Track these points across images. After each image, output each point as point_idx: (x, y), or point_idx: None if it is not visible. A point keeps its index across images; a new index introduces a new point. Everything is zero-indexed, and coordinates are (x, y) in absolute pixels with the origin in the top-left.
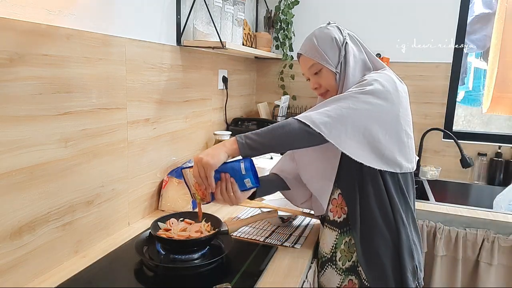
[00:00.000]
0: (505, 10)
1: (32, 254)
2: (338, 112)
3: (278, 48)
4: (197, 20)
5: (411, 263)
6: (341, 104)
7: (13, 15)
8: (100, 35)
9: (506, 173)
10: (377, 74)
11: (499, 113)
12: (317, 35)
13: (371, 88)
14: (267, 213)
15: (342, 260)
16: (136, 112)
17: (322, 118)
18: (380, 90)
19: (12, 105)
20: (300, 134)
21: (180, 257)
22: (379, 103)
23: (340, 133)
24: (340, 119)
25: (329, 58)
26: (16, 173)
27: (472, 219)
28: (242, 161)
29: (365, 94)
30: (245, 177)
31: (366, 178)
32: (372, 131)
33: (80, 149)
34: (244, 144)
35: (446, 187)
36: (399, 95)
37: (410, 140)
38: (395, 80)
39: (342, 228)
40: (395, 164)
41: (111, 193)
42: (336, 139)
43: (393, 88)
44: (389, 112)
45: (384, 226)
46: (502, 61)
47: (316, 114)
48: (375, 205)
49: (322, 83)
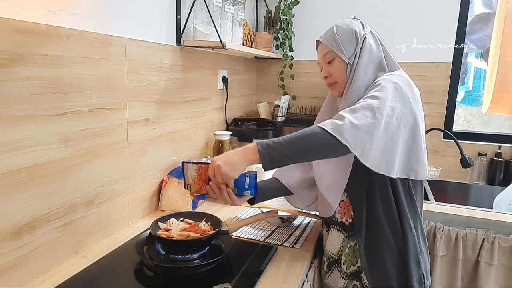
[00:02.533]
0: (505, 10)
1: (32, 254)
2: (364, 121)
3: (278, 48)
4: (197, 20)
5: (418, 271)
6: (366, 113)
7: (13, 15)
8: (100, 35)
9: (506, 173)
10: (393, 76)
11: (499, 113)
12: (339, 26)
13: (390, 90)
14: (267, 213)
15: (346, 264)
16: (136, 112)
17: (349, 128)
18: (400, 95)
19: (12, 105)
20: (325, 145)
21: (180, 257)
22: (401, 109)
23: (364, 145)
24: (365, 129)
25: (344, 48)
26: (16, 173)
27: (472, 219)
28: (247, 175)
29: (387, 100)
30: (246, 190)
31: (374, 184)
32: (394, 140)
33: (80, 149)
34: (266, 156)
35: (446, 187)
36: (415, 99)
37: (424, 145)
38: (411, 83)
39: (348, 231)
40: (412, 171)
41: (111, 193)
42: (359, 151)
43: (410, 92)
44: (410, 118)
45: (390, 233)
46: (502, 61)
47: (344, 125)
48: (382, 211)
49: (333, 72)
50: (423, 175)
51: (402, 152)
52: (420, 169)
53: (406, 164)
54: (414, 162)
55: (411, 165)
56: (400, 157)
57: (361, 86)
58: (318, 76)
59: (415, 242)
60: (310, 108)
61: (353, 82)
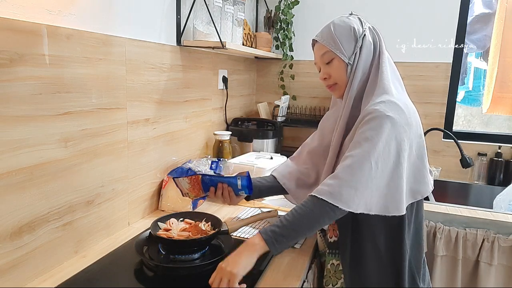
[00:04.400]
0: (505, 10)
1: (32, 254)
2: (363, 179)
3: (278, 48)
4: (197, 20)
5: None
6: (363, 165)
7: (13, 15)
8: (100, 35)
9: (506, 173)
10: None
11: (499, 113)
12: (336, 23)
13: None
14: (267, 213)
15: (326, 279)
16: (136, 112)
17: (349, 192)
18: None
19: (12, 105)
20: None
21: (180, 257)
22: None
23: (365, 200)
24: (365, 185)
25: (343, 47)
26: (16, 173)
27: (472, 219)
28: (239, 178)
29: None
30: (240, 190)
31: None
32: (396, 178)
33: (80, 149)
34: (276, 246)
35: (446, 187)
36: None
37: (424, 162)
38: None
39: (332, 249)
40: (418, 193)
41: (111, 193)
42: (362, 208)
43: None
44: (406, 148)
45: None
46: (502, 61)
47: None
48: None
49: (332, 73)
50: (427, 191)
51: (407, 185)
52: (423, 188)
53: (410, 191)
54: (416, 184)
55: (414, 190)
56: (405, 190)
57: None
58: (318, 76)
59: (410, 261)
60: (310, 108)
61: (354, 83)
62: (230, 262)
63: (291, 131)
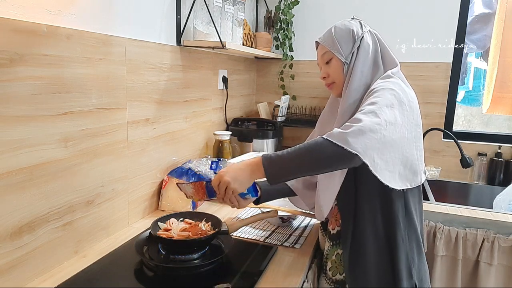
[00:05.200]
0: (505, 10)
1: (32, 254)
2: (372, 128)
3: (278, 48)
4: (197, 20)
5: (410, 281)
6: (374, 119)
7: (13, 15)
8: (100, 35)
9: (506, 173)
10: (389, 83)
11: (499, 113)
12: (337, 26)
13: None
14: (267, 213)
15: (332, 270)
16: (136, 112)
17: (357, 139)
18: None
19: (12, 105)
20: (332, 157)
21: (180, 257)
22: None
23: (374, 155)
24: (375, 136)
25: (341, 47)
26: (16, 173)
27: (472, 219)
28: None
29: (388, 106)
30: (246, 194)
31: (363, 193)
32: (398, 148)
33: (80, 149)
34: (271, 172)
35: (446, 187)
36: (412, 106)
37: (420, 152)
38: (406, 89)
39: (335, 240)
40: (408, 181)
41: (111, 193)
42: (370, 161)
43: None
44: (408, 127)
45: (376, 246)
46: (502, 61)
47: (350, 135)
48: (370, 223)
49: (330, 72)
50: (418, 181)
51: (402, 162)
52: (416, 178)
53: (403, 174)
54: (409, 171)
55: (407, 175)
56: (400, 167)
57: (359, 85)
58: (318, 76)
59: (406, 252)
60: (310, 108)
61: (351, 82)
62: (231, 172)
63: (291, 131)
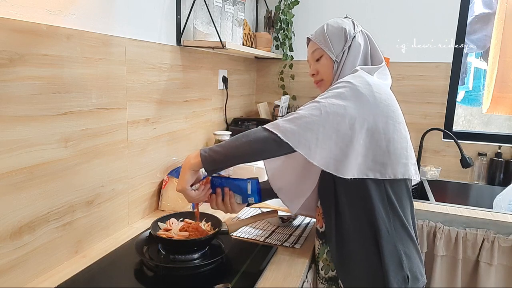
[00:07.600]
0: (505, 10)
1: (32, 254)
2: (308, 119)
3: (278, 48)
4: (197, 20)
5: (401, 273)
6: (312, 111)
7: (13, 15)
8: (100, 35)
9: (506, 173)
10: (350, 76)
11: (499, 113)
12: (329, 24)
13: (343, 90)
14: (267, 213)
15: (324, 269)
16: (136, 112)
17: (290, 126)
18: (356, 95)
19: (12, 105)
20: (267, 144)
21: (180, 257)
22: (356, 109)
23: (309, 143)
24: (310, 127)
25: (332, 45)
26: (16, 173)
27: (472, 219)
28: (249, 181)
29: (336, 97)
30: (250, 196)
31: (339, 187)
32: (347, 140)
33: (80, 149)
34: (207, 157)
35: (446, 187)
36: (376, 98)
37: (392, 145)
38: (373, 82)
39: (322, 238)
40: (371, 171)
41: (111, 193)
42: (305, 149)
43: (369, 91)
44: (367, 118)
45: (360, 239)
46: (502, 61)
47: (284, 122)
48: (350, 217)
49: (320, 70)
50: (390, 173)
51: (359, 153)
52: (384, 169)
53: (363, 164)
54: (371, 161)
55: (368, 165)
56: (356, 157)
57: None
58: None
59: (395, 244)
60: None
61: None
62: (179, 177)
63: None
